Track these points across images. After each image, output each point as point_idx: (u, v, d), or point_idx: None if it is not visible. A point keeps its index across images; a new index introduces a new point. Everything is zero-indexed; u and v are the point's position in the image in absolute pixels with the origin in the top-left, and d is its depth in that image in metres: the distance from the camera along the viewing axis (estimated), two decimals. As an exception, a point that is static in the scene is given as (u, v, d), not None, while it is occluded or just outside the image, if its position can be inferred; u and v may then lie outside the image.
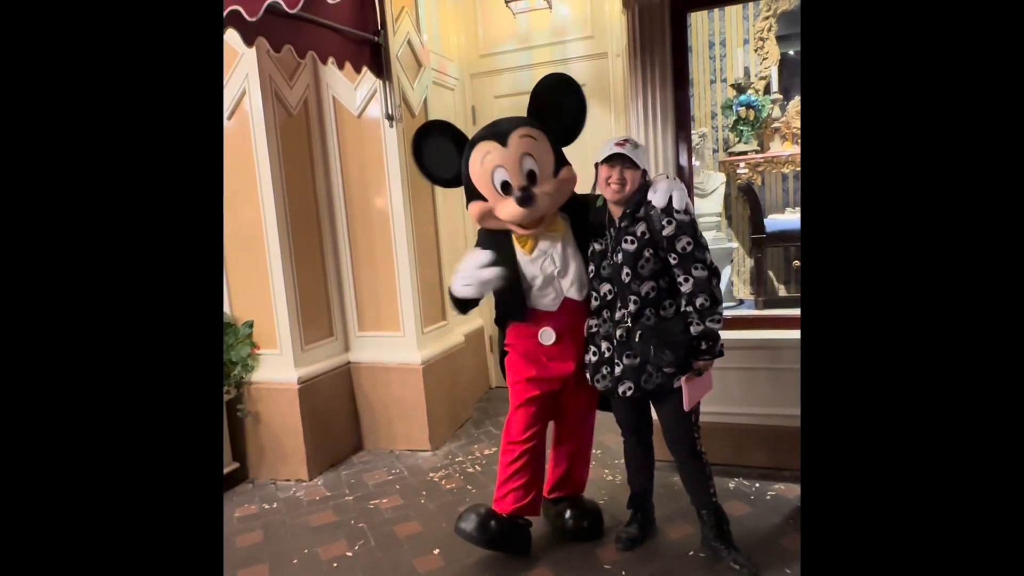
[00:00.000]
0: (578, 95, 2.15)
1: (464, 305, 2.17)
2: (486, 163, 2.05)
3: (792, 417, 2.68)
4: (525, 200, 2.00)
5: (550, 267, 2.12)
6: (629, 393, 2.03)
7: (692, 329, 1.96)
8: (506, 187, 2.05)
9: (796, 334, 2.67)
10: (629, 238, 1.99)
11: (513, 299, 2.15)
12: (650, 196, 1.98)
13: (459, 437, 3.46)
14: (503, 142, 2.04)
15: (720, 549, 2.11)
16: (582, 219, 2.14)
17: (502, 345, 2.31)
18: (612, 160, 1.97)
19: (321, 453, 3.15)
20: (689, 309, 1.96)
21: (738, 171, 4.01)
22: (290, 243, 3.05)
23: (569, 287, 2.14)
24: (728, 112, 4.06)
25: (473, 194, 2.12)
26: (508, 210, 2.05)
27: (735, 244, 4.14)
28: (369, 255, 3.29)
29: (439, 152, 2.18)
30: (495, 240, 2.15)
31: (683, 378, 1.99)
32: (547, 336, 2.15)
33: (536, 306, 2.16)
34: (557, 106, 2.14)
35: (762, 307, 3.26)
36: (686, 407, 1.99)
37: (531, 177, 2.05)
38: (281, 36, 2.44)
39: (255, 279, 3.02)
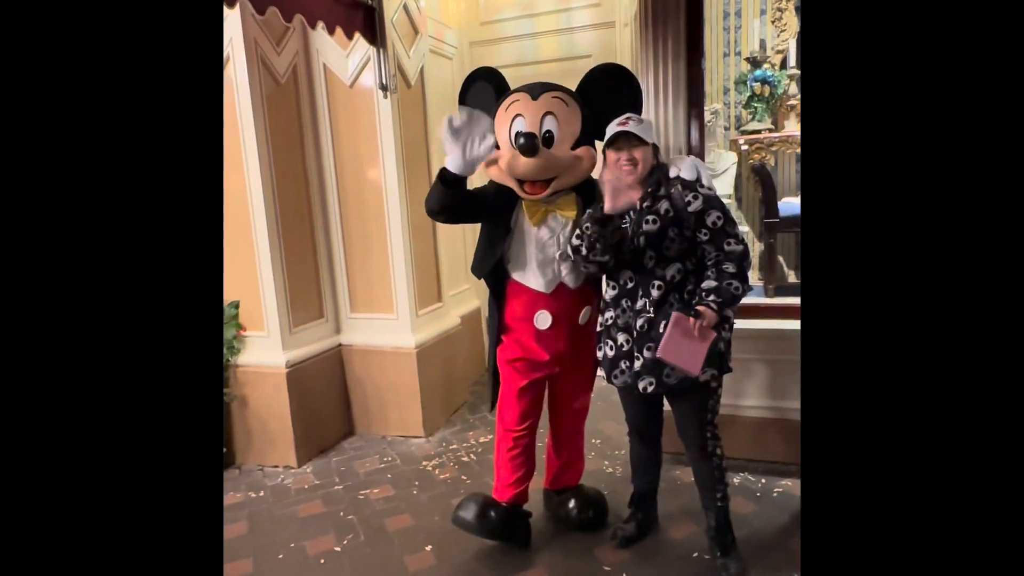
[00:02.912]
0: (634, 89, 2.05)
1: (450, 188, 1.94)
2: (510, 110, 1.99)
3: (799, 410, 2.57)
4: (527, 149, 1.88)
5: (553, 248, 2.01)
6: (651, 389, 1.87)
7: (704, 284, 1.79)
8: (519, 139, 1.94)
9: (808, 324, 2.55)
10: (651, 218, 1.82)
11: (492, 258, 2.04)
12: (674, 172, 1.86)
13: (454, 423, 3.35)
14: (534, 96, 1.99)
15: (716, 555, 2.01)
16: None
17: (497, 332, 2.17)
18: (618, 142, 1.82)
19: (310, 439, 3.04)
20: (709, 274, 1.81)
21: (740, 146, 3.82)
22: (278, 220, 2.89)
23: (567, 273, 2.03)
24: (742, 88, 3.86)
25: None
26: (509, 158, 1.95)
27: (746, 228, 3.98)
28: (362, 233, 3.14)
29: (481, 97, 2.11)
30: (503, 197, 2.03)
31: (674, 314, 1.74)
32: (543, 319, 2.06)
33: (527, 284, 2.05)
34: (610, 94, 2.01)
35: (772, 294, 3.13)
36: (659, 353, 1.75)
37: (547, 139, 1.94)
38: (265, -4, 2.26)
39: (241, 257, 2.87)
